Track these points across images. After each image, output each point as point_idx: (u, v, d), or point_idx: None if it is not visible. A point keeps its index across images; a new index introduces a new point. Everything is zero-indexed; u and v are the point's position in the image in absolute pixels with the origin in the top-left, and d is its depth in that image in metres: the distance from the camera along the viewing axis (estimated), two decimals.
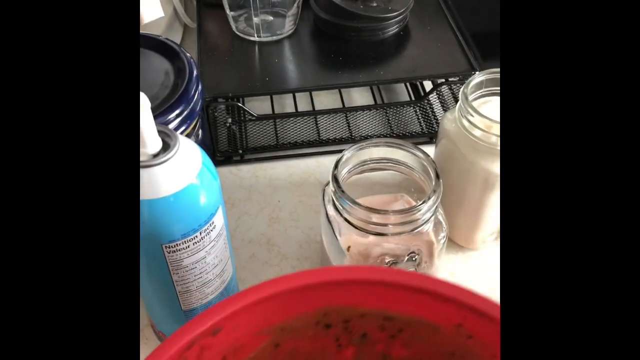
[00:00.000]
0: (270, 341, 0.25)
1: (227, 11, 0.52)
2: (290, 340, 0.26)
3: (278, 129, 0.52)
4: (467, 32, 0.68)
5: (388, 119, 0.53)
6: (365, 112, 0.52)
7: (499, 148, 0.37)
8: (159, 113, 0.35)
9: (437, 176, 0.33)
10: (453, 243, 0.44)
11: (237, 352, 0.25)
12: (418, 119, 0.53)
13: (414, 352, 0.27)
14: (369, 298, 0.25)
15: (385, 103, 0.53)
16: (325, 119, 0.52)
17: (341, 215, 0.33)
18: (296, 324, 0.25)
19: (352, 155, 0.35)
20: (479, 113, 0.37)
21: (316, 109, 0.53)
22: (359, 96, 0.56)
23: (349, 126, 0.52)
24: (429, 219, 0.33)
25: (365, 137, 0.52)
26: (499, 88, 0.40)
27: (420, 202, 0.32)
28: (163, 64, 0.40)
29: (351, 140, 0.51)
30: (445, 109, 0.53)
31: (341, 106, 0.53)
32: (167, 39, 0.41)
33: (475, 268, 0.43)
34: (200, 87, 0.39)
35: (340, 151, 0.35)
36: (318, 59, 0.51)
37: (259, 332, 0.25)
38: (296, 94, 0.54)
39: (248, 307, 0.23)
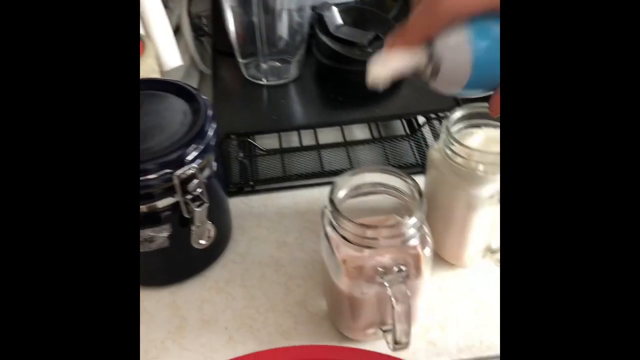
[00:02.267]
0: None
1: (239, 59, 0.59)
2: None
3: (285, 162, 0.57)
4: None
5: (385, 152, 0.58)
6: (364, 145, 0.57)
7: (478, 173, 0.42)
8: (178, 147, 0.41)
9: (420, 195, 0.38)
10: (444, 261, 0.48)
11: None
12: (412, 151, 0.58)
13: None
14: None
15: (382, 137, 0.59)
16: (328, 152, 0.57)
17: (337, 231, 0.38)
18: None
19: (347, 180, 0.40)
20: (459, 142, 0.42)
21: (320, 143, 0.58)
22: (359, 131, 0.61)
23: (349, 158, 0.57)
24: (414, 234, 0.37)
25: None
26: (480, 120, 0.45)
27: (406, 218, 0.37)
28: (182, 105, 0.45)
29: None
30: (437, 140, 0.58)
31: (342, 140, 0.58)
32: (185, 83, 0.47)
33: (464, 284, 0.47)
34: (214, 125, 0.44)
35: None
36: (320, 99, 0.57)
37: None
38: (301, 131, 0.59)
39: None
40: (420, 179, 0.42)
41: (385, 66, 0.33)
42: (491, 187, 0.42)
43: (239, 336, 0.44)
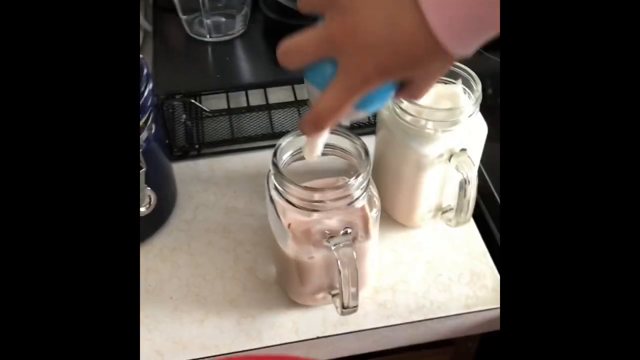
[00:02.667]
0: None
1: (180, 14, 0.55)
2: None
3: (233, 124, 0.55)
4: None
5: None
6: None
7: (427, 131, 0.40)
8: None
9: (367, 154, 0.36)
10: (395, 222, 0.47)
11: None
12: None
13: None
14: None
15: None
16: (279, 112, 0.55)
17: (282, 196, 0.36)
18: None
19: (290, 142, 0.38)
20: (409, 100, 0.40)
21: (269, 103, 0.56)
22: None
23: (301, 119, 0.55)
24: (361, 195, 0.36)
25: None
26: None
27: (352, 179, 0.35)
28: None
29: None
30: None
31: (293, 99, 0.56)
32: None
33: (415, 244, 0.46)
34: (150, 84, 0.41)
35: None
36: (269, 56, 0.54)
37: None
38: (249, 91, 0.56)
39: None
40: (371, 139, 0.41)
41: (313, 146, 0.33)
42: (440, 146, 0.41)
43: (185, 305, 0.43)
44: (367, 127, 0.55)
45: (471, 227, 0.47)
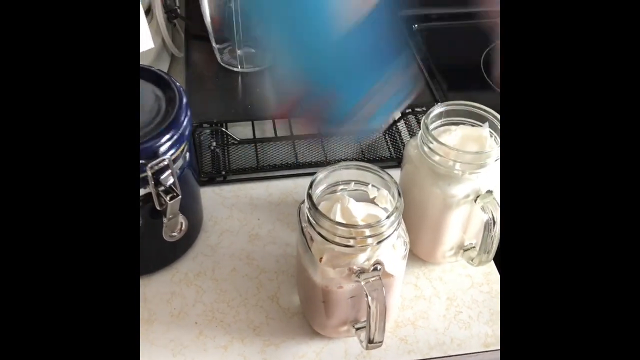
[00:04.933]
0: None
1: (213, 44, 0.57)
2: None
3: (259, 153, 0.56)
4: (433, 65, 0.74)
5: (360, 145, 0.57)
6: (339, 137, 0.56)
7: (455, 172, 0.42)
8: (152, 137, 0.39)
9: (399, 194, 0.38)
10: (416, 257, 0.48)
11: None
12: (387, 144, 0.58)
13: None
14: None
15: None
16: (303, 143, 0.56)
17: (314, 229, 0.37)
18: None
19: (325, 176, 0.39)
20: (437, 140, 0.41)
21: (294, 134, 0.57)
22: None
23: (324, 150, 0.57)
24: (392, 233, 0.37)
25: (339, 161, 0.56)
26: (457, 118, 0.45)
27: (385, 217, 0.36)
28: (154, 91, 0.44)
29: (326, 163, 0.56)
30: (412, 135, 0.58)
31: (317, 132, 0.57)
32: (159, 69, 0.45)
33: (435, 282, 0.47)
34: (189, 114, 0.43)
35: (315, 173, 0.39)
36: None
37: None
38: (275, 121, 0.58)
39: None
40: (394, 173, 0.42)
41: None
42: (467, 186, 0.42)
43: (210, 331, 0.43)
44: (389, 161, 0.56)
45: (491, 266, 0.48)
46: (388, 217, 0.36)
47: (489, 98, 0.71)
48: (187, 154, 0.43)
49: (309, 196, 0.37)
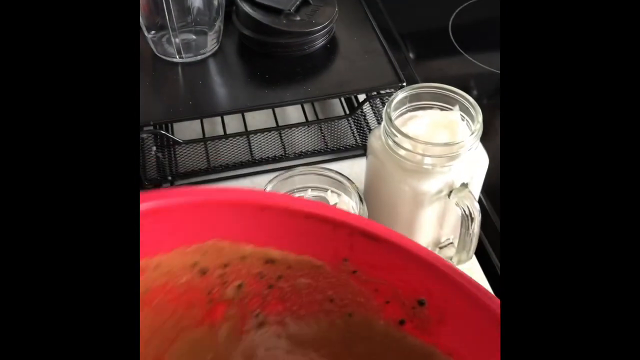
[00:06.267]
0: (144, 284, 0.23)
1: (145, 33, 0.50)
2: (160, 287, 0.23)
3: (209, 152, 0.50)
4: (397, 34, 0.68)
5: (322, 134, 0.52)
6: (299, 128, 0.51)
7: (425, 166, 0.37)
8: None
9: (362, 201, 0.33)
10: None
11: None
12: (352, 132, 0.52)
13: (289, 306, 0.26)
14: (255, 232, 0.23)
15: (318, 119, 0.53)
16: (258, 138, 0.51)
17: None
18: (172, 262, 0.23)
19: (276, 186, 0.34)
20: (402, 133, 0.36)
21: (248, 128, 0.52)
22: (293, 111, 0.55)
23: (283, 144, 0.51)
24: None
25: (300, 154, 0.51)
26: (423, 102, 0.40)
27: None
28: None
29: (285, 157, 0.50)
30: (379, 119, 0.52)
31: (274, 124, 0.52)
32: None
33: None
34: None
35: (275, 170, 0.34)
36: (245, 77, 0.50)
37: None
38: (225, 116, 0.52)
39: None
40: (361, 162, 0.37)
41: None
42: (439, 181, 0.37)
43: None
44: (354, 149, 0.51)
45: (472, 263, 0.44)
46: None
47: (460, 67, 0.67)
48: None
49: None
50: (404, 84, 0.47)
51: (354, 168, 0.49)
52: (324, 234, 0.23)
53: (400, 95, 0.38)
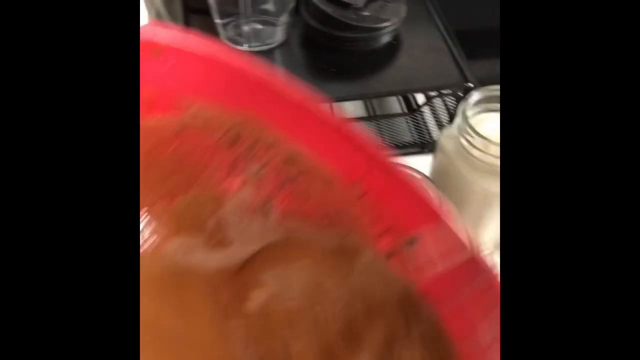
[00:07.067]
0: (178, 122, 0.23)
1: (216, 19, 0.51)
2: (191, 137, 0.23)
3: None
4: (453, 32, 0.68)
5: (380, 130, 0.53)
6: (357, 123, 0.51)
7: (497, 168, 0.37)
8: None
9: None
10: None
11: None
12: (410, 130, 0.53)
13: (292, 208, 0.26)
14: (292, 121, 0.24)
15: (377, 115, 0.53)
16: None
17: None
18: (209, 115, 0.23)
19: None
20: (478, 134, 0.37)
21: None
22: (351, 105, 0.56)
23: None
24: None
25: None
26: (495, 105, 0.40)
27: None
28: None
29: None
30: (437, 119, 0.53)
31: None
32: None
33: None
34: None
35: None
36: (310, 69, 0.50)
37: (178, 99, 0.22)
38: None
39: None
40: (419, 159, 0.37)
41: None
42: None
43: None
44: (411, 147, 0.52)
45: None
46: None
47: None
48: None
49: None
50: (471, 84, 0.47)
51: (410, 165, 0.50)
52: (344, 150, 0.24)
53: (476, 95, 0.39)
